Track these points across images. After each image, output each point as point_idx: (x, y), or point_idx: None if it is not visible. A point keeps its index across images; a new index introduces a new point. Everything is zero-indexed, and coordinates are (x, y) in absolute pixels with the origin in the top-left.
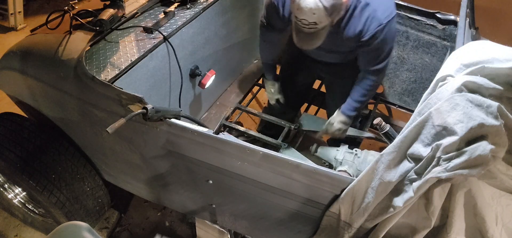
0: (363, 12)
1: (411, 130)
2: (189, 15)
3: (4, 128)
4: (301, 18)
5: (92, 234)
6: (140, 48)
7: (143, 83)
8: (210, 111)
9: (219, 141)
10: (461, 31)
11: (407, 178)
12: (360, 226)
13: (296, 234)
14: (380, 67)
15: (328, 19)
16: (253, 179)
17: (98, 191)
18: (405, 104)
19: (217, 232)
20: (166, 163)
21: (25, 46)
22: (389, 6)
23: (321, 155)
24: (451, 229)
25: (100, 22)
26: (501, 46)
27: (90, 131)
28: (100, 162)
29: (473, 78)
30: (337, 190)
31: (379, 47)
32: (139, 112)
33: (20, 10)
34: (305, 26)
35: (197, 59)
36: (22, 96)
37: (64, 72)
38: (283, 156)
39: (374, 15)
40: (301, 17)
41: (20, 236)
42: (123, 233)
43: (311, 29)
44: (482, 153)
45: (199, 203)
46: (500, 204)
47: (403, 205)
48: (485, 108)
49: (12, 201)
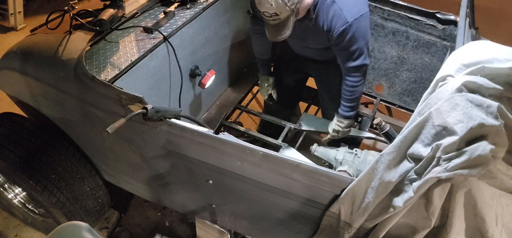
0: (329, 9)
1: (411, 130)
2: (189, 15)
3: (4, 128)
4: (263, 11)
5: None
6: (140, 48)
7: (143, 83)
8: (210, 111)
9: (219, 141)
10: (461, 31)
11: (407, 178)
12: (360, 226)
13: (296, 234)
14: (356, 64)
15: (287, 9)
16: (253, 179)
17: (98, 191)
18: (405, 104)
19: (217, 232)
20: (166, 163)
21: (25, 46)
22: (357, 4)
23: (321, 155)
24: (451, 229)
25: (100, 22)
26: (501, 46)
27: (90, 131)
28: (100, 162)
29: (473, 78)
30: (337, 190)
31: (349, 45)
32: (139, 112)
33: (20, 10)
34: (268, 18)
35: (197, 59)
36: (22, 96)
37: (64, 72)
38: (283, 156)
39: (340, 14)
40: (262, 9)
41: (20, 236)
42: (123, 233)
43: (275, 20)
44: (482, 153)
45: (199, 203)
46: (500, 204)
47: (403, 205)
48: (485, 108)
49: (12, 201)
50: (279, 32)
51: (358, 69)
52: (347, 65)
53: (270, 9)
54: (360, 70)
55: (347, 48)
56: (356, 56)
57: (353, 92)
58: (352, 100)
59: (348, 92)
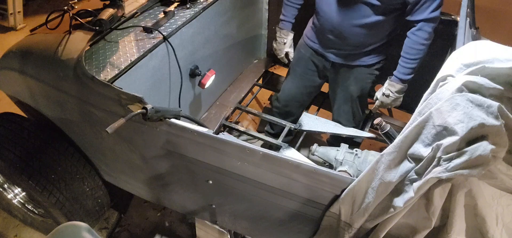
0: None
1: (411, 130)
2: (189, 15)
3: (4, 128)
4: None
5: (92, 234)
6: (139, 48)
7: (142, 83)
8: (210, 111)
9: (219, 141)
10: (461, 31)
11: (407, 178)
12: (360, 226)
13: (296, 234)
14: (435, 15)
15: None
16: (253, 179)
17: (98, 191)
18: (405, 104)
19: (217, 232)
20: (166, 163)
21: (25, 46)
22: None
23: (321, 155)
24: (452, 229)
25: (99, 22)
26: (501, 46)
27: (89, 131)
28: (100, 162)
29: (473, 78)
30: (337, 190)
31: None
32: (139, 112)
33: (19, 10)
34: None
35: (197, 59)
36: (22, 96)
37: (64, 72)
38: (283, 156)
39: None
40: None
41: (20, 236)
42: (123, 233)
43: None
44: (482, 153)
45: (199, 203)
46: (501, 204)
47: (403, 205)
48: (486, 108)
49: (12, 201)
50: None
51: (436, 20)
52: (424, 16)
53: None
54: (436, 22)
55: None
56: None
57: (420, 50)
58: (416, 60)
59: (415, 51)
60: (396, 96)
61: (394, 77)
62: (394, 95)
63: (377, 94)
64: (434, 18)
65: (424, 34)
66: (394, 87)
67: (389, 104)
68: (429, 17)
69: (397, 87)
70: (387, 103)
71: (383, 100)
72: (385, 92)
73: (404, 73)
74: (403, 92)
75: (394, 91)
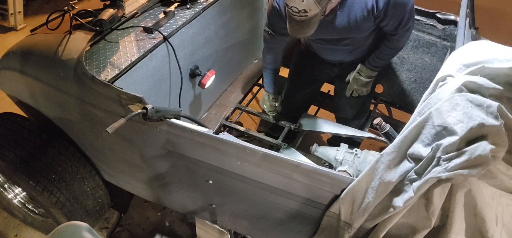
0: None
1: (411, 130)
2: (189, 15)
3: (4, 128)
4: (291, 5)
5: (92, 234)
6: (140, 48)
7: (143, 83)
8: (210, 111)
9: (219, 141)
10: (461, 31)
11: (407, 178)
12: (360, 226)
13: (296, 234)
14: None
15: (317, 7)
16: (253, 179)
17: (98, 191)
18: (405, 104)
19: (217, 232)
20: (166, 163)
21: (25, 46)
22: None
23: (321, 155)
24: (451, 229)
25: (100, 22)
26: (501, 46)
27: (90, 131)
28: (100, 162)
29: (473, 78)
30: (337, 190)
31: (398, 9)
32: (139, 112)
33: (20, 10)
34: (295, 14)
35: (197, 59)
36: (22, 96)
37: (64, 72)
38: (283, 156)
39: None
40: (291, 4)
41: (20, 236)
42: (123, 233)
43: (302, 17)
44: (482, 153)
45: (199, 203)
46: (500, 204)
47: (403, 205)
48: (485, 108)
49: (12, 201)
50: (302, 30)
51: (409, 30)
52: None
53: (299, 6)
54: (410, 31)
55: (396, 15)
56: (406, 19)
57: (393, 54)
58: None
59: (390, 51)
60: (365, 81)
61: (368, 63)
62: (363, 80)
63: (349, 77)
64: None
65: (400, 43)
66: (364, 72)
67: (359, 87)
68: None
69: (366, 72)
70: (358, 85)
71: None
72: (355, 75)
73: (374, 62)
74: (371, 78)
75: (364, 76)
